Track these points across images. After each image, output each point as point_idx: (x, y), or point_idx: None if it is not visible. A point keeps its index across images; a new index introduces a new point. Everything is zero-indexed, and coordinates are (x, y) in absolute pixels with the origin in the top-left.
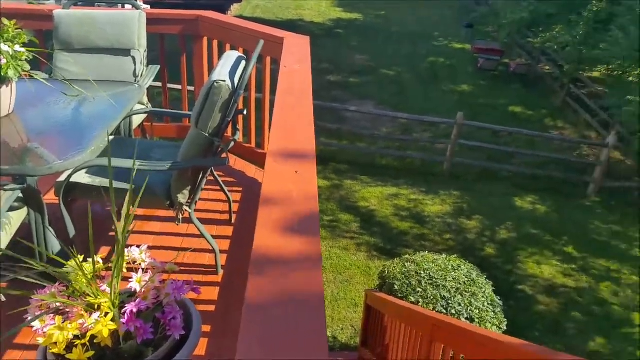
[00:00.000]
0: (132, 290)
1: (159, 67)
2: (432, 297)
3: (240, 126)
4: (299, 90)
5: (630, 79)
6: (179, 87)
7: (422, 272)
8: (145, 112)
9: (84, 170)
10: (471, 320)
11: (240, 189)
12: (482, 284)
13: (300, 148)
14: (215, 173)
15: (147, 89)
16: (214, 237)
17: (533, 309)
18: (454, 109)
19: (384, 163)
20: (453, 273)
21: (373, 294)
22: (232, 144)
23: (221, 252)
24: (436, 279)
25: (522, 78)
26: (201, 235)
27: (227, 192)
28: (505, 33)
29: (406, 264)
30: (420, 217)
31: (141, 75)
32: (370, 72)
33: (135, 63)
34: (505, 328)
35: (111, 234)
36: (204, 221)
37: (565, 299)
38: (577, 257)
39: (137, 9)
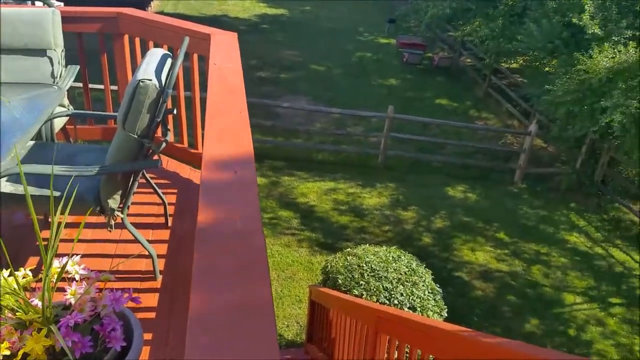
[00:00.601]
0: (67, 302)
1: (78, 67)
2: (375, 289)
3: (170, 126)
4: (232, 87)
5: (547, 69)
6: (102, 87)
7: (364, 265)
8: (66, 115)
9: (5, 179)
10: (413, 309)
11: (175, 190)
12: (422, 273)
13: (237, 146)
14: (147, 175)
15: (67, 90)
16: (150, 241)
17: (470, 294)
18: (384, 102)
19: (320, 158)
20: (394, 264)
21: (317, 289)
22: (164, 144)
23: (159, 256)
24: (378, 270)
25: (445, 71)
26: (136, 241)
27: (161, 194)
28: (425, 28)
29: (348, 258)
30: (359, 210)
31: (60, 77)
32: (300, 67)
33: (52, 64)
34: (446, 315)
35: (39, 243)
36: (138, 226)
37: (500, 283)
38: (509, 242)
39: (50, 6)
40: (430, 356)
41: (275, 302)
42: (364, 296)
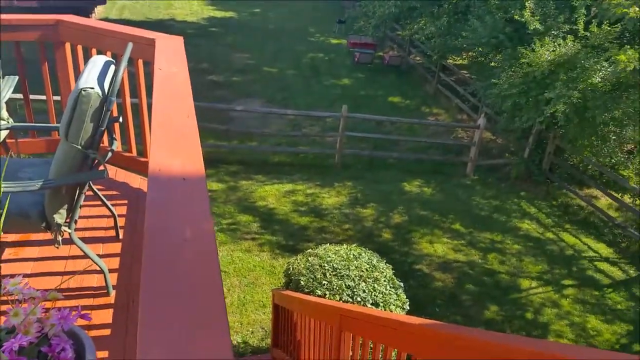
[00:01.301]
0: (11, 325)
1: (17, 77)
2: (337, 288)
3: (117, 135)
4: (179, 92)
5: (492, 64)
6: (44, 97)
7: (326, 265)
8: (6, 128)
9: None
10: (376, 305)
11: (125, 201)
12: (382, 269)
13: (185, 152)
14: (95, 187)
15: (6, 102)
16: (101, 256)
17: (431, 286)
18: (338, 102)
19: (277, 160)
20: (355, 262)
21: (280, 292)
22: (110, 154)
23: (111, 271)
24: (340, 269)
25: (396, 69)
26: (86, 256)
27: (110, 206)
28: (375, 28)
29: (310, 259)
30: (319, 210)
31: None
32: (253, 70)
33: None
34: (408, 308)
35: None
36: (87, 240)
37: (459, 273)
38: (465, 233)
39: None
40: (394, 350)
41: (238, 309)
42: (327, 296)
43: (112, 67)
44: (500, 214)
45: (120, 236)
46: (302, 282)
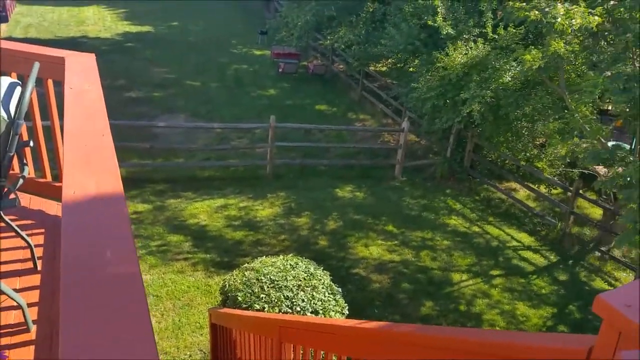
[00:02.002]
0: None
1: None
2: (276, 300)
3: (29, 160)
4: (92, 111)
5: (410, 69)
6: None
7: (263, 278)
8: None
9: None
10: (316, 312)
11: (42, 230)
12: (320, 276)
13: (101, 173)
14: (6, 218)
15: None
16: (18, 290)
17: (369, 288)
18: (266, 112)
19: (207, 175)
20: (292, 272)
21: (217, 311)
22: (22, 181)
23: (30, 305)
24: (277, 281)
25: (321, 78)
26: (1, 292)
27: (25, 236)
28: (296, 38)
29: (246, 273)
30: (253, 223)
31: None
32: (174, 84)
33: None
34: (347, 312)
35: None
36: (2, 275)
37: (394, 272)
38: (397, 233)
39: None
40: (334, 355)
41: (173, 333)
42: (265, 309)
43: (19, 89)
44: (429, 212)
45: (39, 267)
46: (239, 298)
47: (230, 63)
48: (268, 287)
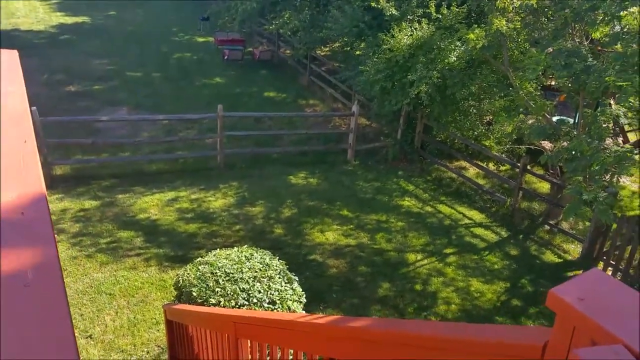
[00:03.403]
0: None
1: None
2: (232, 293)
3: None
4: (13, 114)
5: (357, 52)
6: None
7: (218, 271)
8: None
9: None
10: (273, 303)
11: None
12: (276, 266)
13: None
14: None
15: None
16: None
17: (326, 273)
18: (213, 102)
19: (155, 169)
20: (248, 263)
21: (172, 307)
22: None
23: None
24: (232, 273)
25: (268, 64)
26: None
27: None
28: (240, 23)
29: (200, 267)
30: (206, 214)
31: None
32: (115, 76)
33: None
34: (305, 300)
35: None
36: None
37: (351, 256)
38: (352, 217)
39: None
40: (290, 350)
41: (129, 330)
42: (221, 303)
43: None
44: (383, 194)
45: None
46: (194, 293)
47: (172, 52)
48: (223, 280)
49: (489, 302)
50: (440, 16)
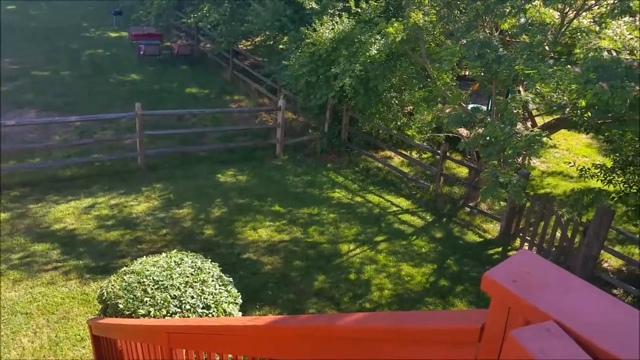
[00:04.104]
0: None
1: None
2: (162, 302)
3: None
4: None
5: (280, 46)
6: None
7: (145, 280)
8: None
9: None
10: (208, 307)
11: None
12: (209, 269)
13: None
14: None
15: None
16: None
17: (261, 271)
18: (131, 100)
19: (70, 174)
20: (178, 268)
21: (97, 322)
22: None
23: None
24: (162, 281)
25: (188, 58)
26: None
27: None
28: (155, 17)
29: (125, 277)
30: (129, 220)
31: None
32: (20, 76)
33: None
34: (241, 300)
35: None
36: None
37: (285, 252)
38: (284, 213)
39: None
40: (229, 355)
41: (51, 350)
42: (152, 313)
43: None
44: (313, 188)
45: None
46: (120, 305)
47: (83, 48)
48: (152, 289)
49: (419, 284)
50: (359, 10)
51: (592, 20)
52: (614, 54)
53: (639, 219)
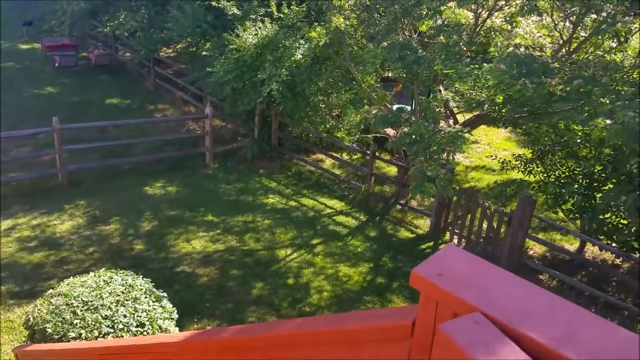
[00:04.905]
0: None
1: None
2: (93, 323)
3: None
4: None
5: (203, 53)
6: None
7: (74, 301)
8: None
9: None
10: (142, 325)
11: None
12: (141, 285)
13: None
14: None
15: None
16: None
17: (197, 283)
18: (47, 114)
19: None
20: (108, 287)
21: (24, 350)
22: None
23: None
24: (92, 301)
25: (107, 69)
26: None
27: None
28: (69, 27)
29: (52, 300)
30: (53, 240)
31: None
32: None
33: None
34: (177, 315)
35: None
36: None
37: (221, 262)
38: (218, 222)
39: None
40: None
41: None
42: (83, 335)
43: None
44: (246, 195)
45: None
46: (49, 330)
47: None
48: (82, 310)
49: (357, 284)
50: (282, 15)
51: (504, 20)
52: (528, 50)
53: (558, 206)
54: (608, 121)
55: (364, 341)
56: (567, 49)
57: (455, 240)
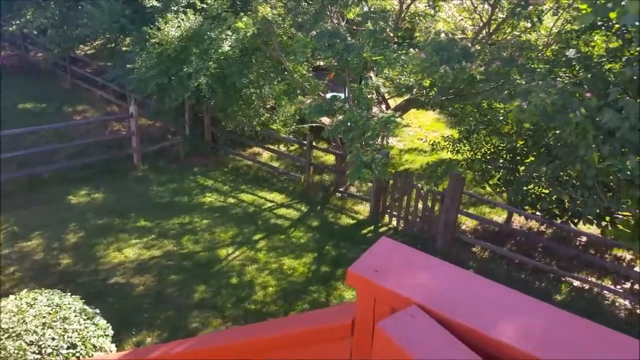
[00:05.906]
0: None
1: None
2: (17, 351)
3: None
4: None
5: (124, 48)
6: None
7: None
8: None
9: None
10: (74, 346)
11: None
12: (69, 303)
13: None
14: None
15: None
16: None
17: (133, 293)
18: None
19: None
20: (31, 310)
21: None
22: None
23: None
24: (13, 328)
25: (16, 71)
26: None
27: None
28: None
29: None
30: None
31: None
32: None
33: None
34: (112, 331)
35: None
36: None
37: (158, 268)
38: (152, 226)
39: None
40: None
41: None
42: None
43: None
44: (181, 195)
45: None
46: None
47: None
48: (1, 338)
49: (302, 275)
50: (205, 6)
51: (427, 4)
52: (450, 35)
53: (485, 181)
54: (524, 104)
55: (308, 343)
56: (487, 30)
57: (395, 222)
